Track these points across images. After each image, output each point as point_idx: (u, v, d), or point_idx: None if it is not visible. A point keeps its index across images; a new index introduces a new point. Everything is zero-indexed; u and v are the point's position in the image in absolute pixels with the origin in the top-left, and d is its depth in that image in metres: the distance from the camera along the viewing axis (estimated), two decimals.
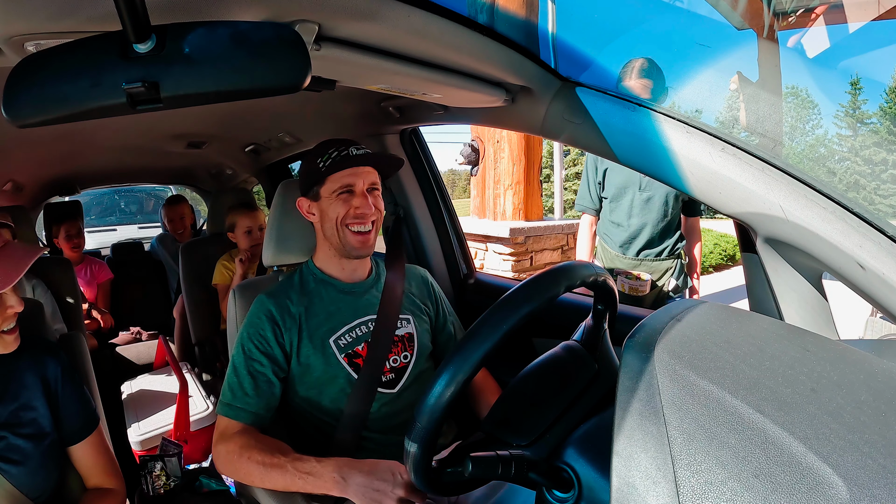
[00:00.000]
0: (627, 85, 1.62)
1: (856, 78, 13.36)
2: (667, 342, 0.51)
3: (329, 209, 1.03)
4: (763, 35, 1.27)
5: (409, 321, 1.12)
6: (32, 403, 0.92)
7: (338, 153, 1.01)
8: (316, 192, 1.05)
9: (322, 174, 1.01)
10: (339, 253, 1.07)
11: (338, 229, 1.03)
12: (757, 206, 0.73)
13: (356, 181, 1.02)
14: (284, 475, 0.88)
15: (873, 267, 0.64)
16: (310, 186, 1.05)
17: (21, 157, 1.98)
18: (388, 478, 0.83)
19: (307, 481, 0.86)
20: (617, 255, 2.04)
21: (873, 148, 16.63)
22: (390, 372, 1.05)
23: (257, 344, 1.00)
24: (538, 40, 0.92)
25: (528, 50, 0.88)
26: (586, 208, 2.14)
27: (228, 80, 0.50)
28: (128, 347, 2.77)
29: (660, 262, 1.99)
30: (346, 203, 1.02)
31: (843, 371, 0.52)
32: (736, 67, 1.49)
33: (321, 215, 1.06)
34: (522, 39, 0.87)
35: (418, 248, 1.65)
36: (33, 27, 0.55)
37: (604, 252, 2.10)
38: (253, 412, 0.97)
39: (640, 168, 0.86)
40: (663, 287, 2.01)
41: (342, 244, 1.05)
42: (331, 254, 1.09)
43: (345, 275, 1.10)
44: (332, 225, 1.04)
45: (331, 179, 1.02)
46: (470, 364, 0.56)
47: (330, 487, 0.85)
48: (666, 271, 2.00)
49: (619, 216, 2.00)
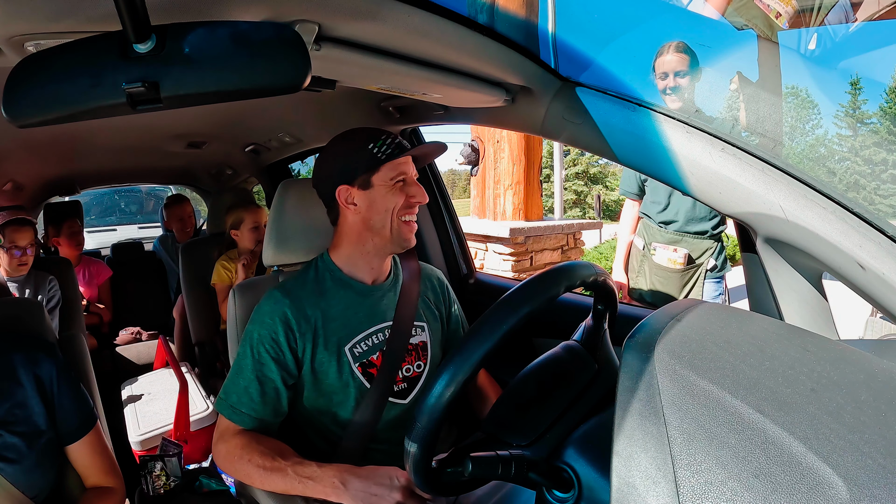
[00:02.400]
0: (662, 60, 1.64)
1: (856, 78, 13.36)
2: (667, 342, 0.52)
3: (384, 198, 0.96)
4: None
5: (423, 329, 1.08)
6: (26, 402, 0.92)
7: (393, 139, 0.97)
8: (366, 180, 0.96)
9: (380, 161, 0.95)
10: (383, 249, 1.01)
11: (392, 219, 0.97)
12: (757, 206, 0.73)
13: (409, 169, 0.97)
14: (284, 479, 0.87)
15: (873, 267, 0.64)
16: (358, 174, 0.96)
17: (21, 157, 1.98)
18: (386, 482, 0.82)
19: (307, 486, 0.86)
20: (659, 229, 2.09)
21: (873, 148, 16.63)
22: (402, 381, 1.02)
23: (268, 348, 0.95)
24: (538, 40, 0.92)
25: (528, 50, 0.88)
26: (629, 193, 2.20)
27: (228, 80, 0.50)
28: (128, 347, 2.77)
29: (700, 241, 2.02)
30: (402, 192, 0.97)
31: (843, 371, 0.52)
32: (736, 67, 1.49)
33: (370, 205, 0.97)
34: (522, 39, 0.87)
35: (418, 247, 1.65)
36: (33, 27, 0.55)
37: (646, 229, 2.15)
38: (257, 418, 0.94)
39: (640, 168, 0.86)
40: (702, 265, 2.04)
41: (393, 236, 0.98)
42: (364, 250, 1.01)
43: (370, 276, 1.04)
44: (384, 216, 0.97)
45: (388, 167, 0.95)
46: (470, 364, 0.56)
47: (329, 493, 0.84)
48: (706, 250, 2.03)
49: (660, 196, 2.06)
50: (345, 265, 1.03)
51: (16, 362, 0.93)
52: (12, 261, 1.97)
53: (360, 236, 1.01)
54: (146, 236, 4.28)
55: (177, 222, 2.98)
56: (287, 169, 2.66)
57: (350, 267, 1.04)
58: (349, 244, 1.02)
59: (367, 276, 1.04)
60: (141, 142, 2.06)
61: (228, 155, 2.44)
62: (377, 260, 1.03)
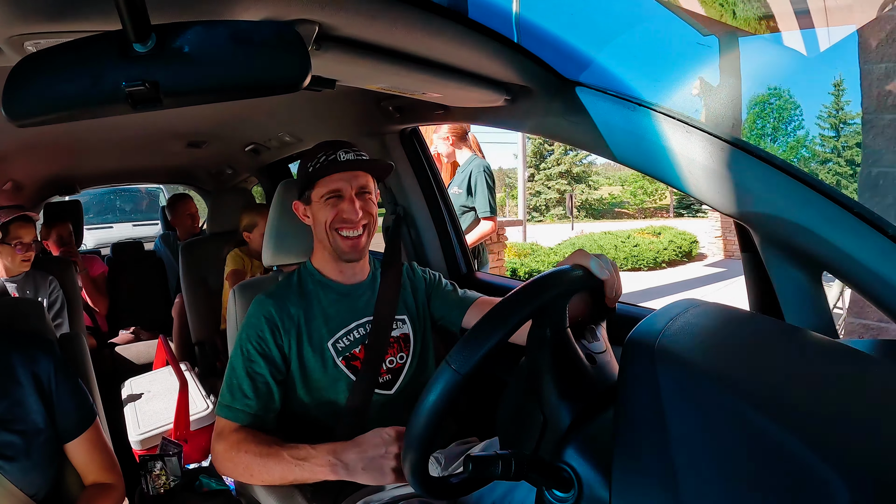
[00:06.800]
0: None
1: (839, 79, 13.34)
2: (667, 342, 0.51)
3: (319, 213, 1.04)
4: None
5: (404, 322, 1.13)
6: (25, 400, 0.92)
7: (325, 157, 1.01)
8: (307, 196, 1.05)
9: (311, 178, 1.02)
10: (334, 255, 1.08)
11: (328, 233, 1.04)
12: (757, 206, 0.73)
13: (344, 186, 1.02)
14: (280, 463, 0.89)
15: (873, 267, 0.64)
16: (302, 190, 1.06)
17: (21, 157, 1.98)
18: (378, 442, 0.85)
19: (303, 467, 0.88)
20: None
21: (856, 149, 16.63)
22: (387, 373, 1.06)
23: (255, 346, 1.01)
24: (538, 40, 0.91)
25: (528, 50, 0.88)
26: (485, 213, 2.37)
27: (228, 79, 0.50)
28: (127, 347, 2.77)
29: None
30: (335, 208, 1.02)
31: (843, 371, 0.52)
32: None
33: (313, 219, 1.06)
34: (522, 39, 0.87)
35: (418, 247, 1.65)
36: (33, 27, 0.55)
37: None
38: (251, 413, 0.97)
39: (640, 168, 0.86)
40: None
41: (333, 248, 1.05)
42: (328, 257, 1.09)
43: (343, 277, 1.10)
44: (322, 229, 1.04)
45: (320, 184, 1.02)
46: (467, 366, 0.56)
47: (326, 472, 0.87)
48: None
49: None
50: (321, 268, 1.11)
51: (14, 360, 0.93)
52: (16, 257, 1.98)
53: (317, 245, 1.11)
54: (141, 235, 4.55)
55: (185, 219, 2.96)
56: (287, 169, 2.66)
57: (325, 270, 1.11)
58: (317, 250, 1.12)
59: (342, 278, 1.10)
60: (141, 141, 2.06)
61: (228, 154, 2.44)
62: (339, 264, 1.09)
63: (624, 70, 0.88)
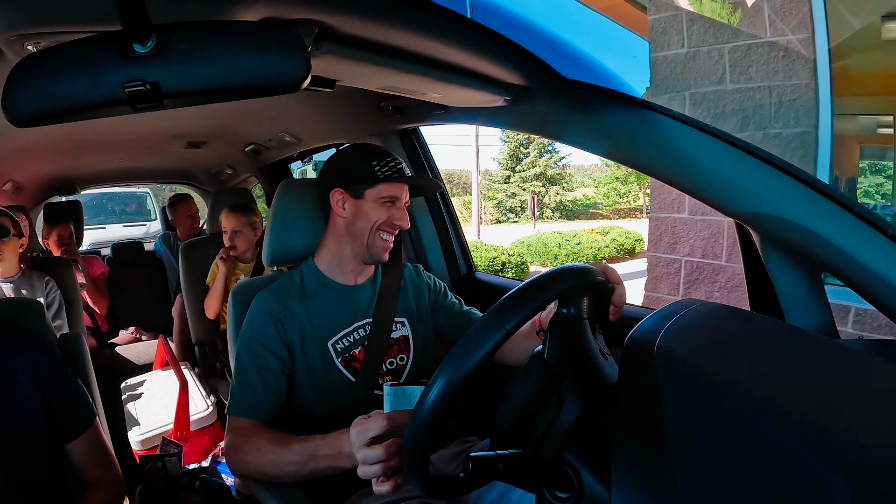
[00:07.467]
0: None
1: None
2: (667, 342, 0.52)
3: (370, 211, 1.04)
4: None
5: (404, 324, 1.13)
6: (24, 400, 0.92)
7: (395, 164, 1.05)
8: (360, 191, 1.04)
9: (377, 178, 1.03)
10: (358, 255, 1.07)
11: (371, 232, 1.04)
12: (757, 206, 0.73)
13: (402, 194, 1.06)
14: (291, 452, 0.88)
15: (873, 267, 0.64)
16: (355, 183, 1.05)
17: (21, 157, 1.98)
18: (369, 420, 0.80)
19: (317, 450, 0.85)
20: None
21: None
22: (387, 375, 1.06)
23: (262, 341, 1.01)
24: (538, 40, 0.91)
25: (528, 50, 0.88)
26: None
27: (228, 79, 0.50)
28: (128, 347, 2.77)
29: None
30: (388, 211, 1.04)
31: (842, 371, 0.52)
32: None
33: (356, 213, 1.05)
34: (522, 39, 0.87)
35: (418, 247, 1.65)
36: (33, 27, 0.55)
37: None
38: (263, 408, 0.98)
39: (640, 168, 0.86)
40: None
41: (368, 247, 1.06)
42: (343, 254, 1.09)
43: (350, 277, 1.10)
44: (366, 226, 1.05)
45: (383, 186, 1.04)
46: (466, 368, 0.56)
47: (336, 457, 0.83)
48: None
49: None
50: (327, 268, 1.10)
51: (13, 360, 0.93)
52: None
53: (341, 240, 1.09)
54: (131, 235, 5.02)
55: (185, 219, 2.96)
56: (287, 169, 2.66)
57: (332, 269, 1.10)
58: (332, 246, 1.10)
59: (347, 278, 1.11)
60: (141, 142, 2.06)
61: (228, 155, 2.44)
62: (354, 264, 1.10)
63: (624, 70, 0.88)
